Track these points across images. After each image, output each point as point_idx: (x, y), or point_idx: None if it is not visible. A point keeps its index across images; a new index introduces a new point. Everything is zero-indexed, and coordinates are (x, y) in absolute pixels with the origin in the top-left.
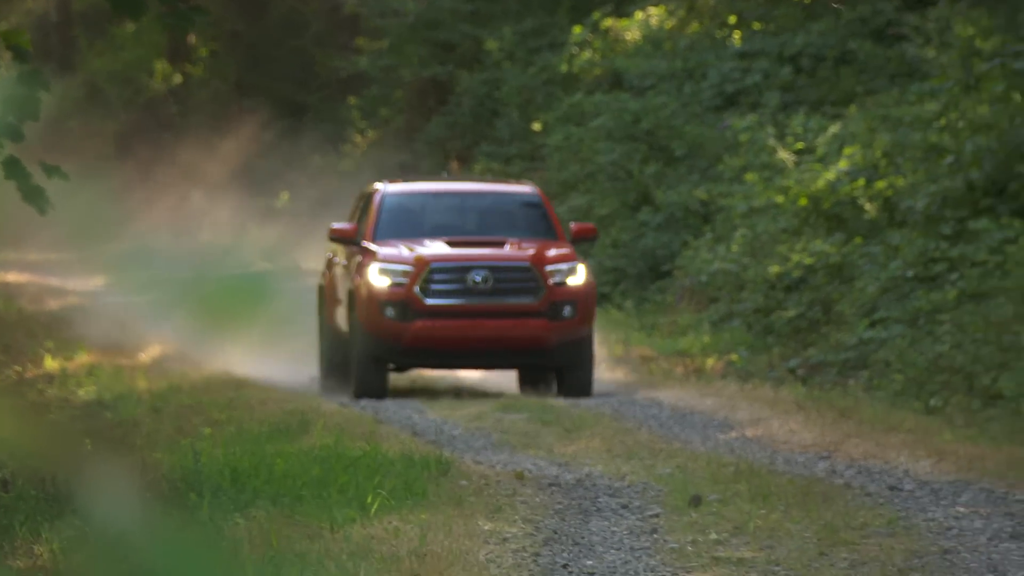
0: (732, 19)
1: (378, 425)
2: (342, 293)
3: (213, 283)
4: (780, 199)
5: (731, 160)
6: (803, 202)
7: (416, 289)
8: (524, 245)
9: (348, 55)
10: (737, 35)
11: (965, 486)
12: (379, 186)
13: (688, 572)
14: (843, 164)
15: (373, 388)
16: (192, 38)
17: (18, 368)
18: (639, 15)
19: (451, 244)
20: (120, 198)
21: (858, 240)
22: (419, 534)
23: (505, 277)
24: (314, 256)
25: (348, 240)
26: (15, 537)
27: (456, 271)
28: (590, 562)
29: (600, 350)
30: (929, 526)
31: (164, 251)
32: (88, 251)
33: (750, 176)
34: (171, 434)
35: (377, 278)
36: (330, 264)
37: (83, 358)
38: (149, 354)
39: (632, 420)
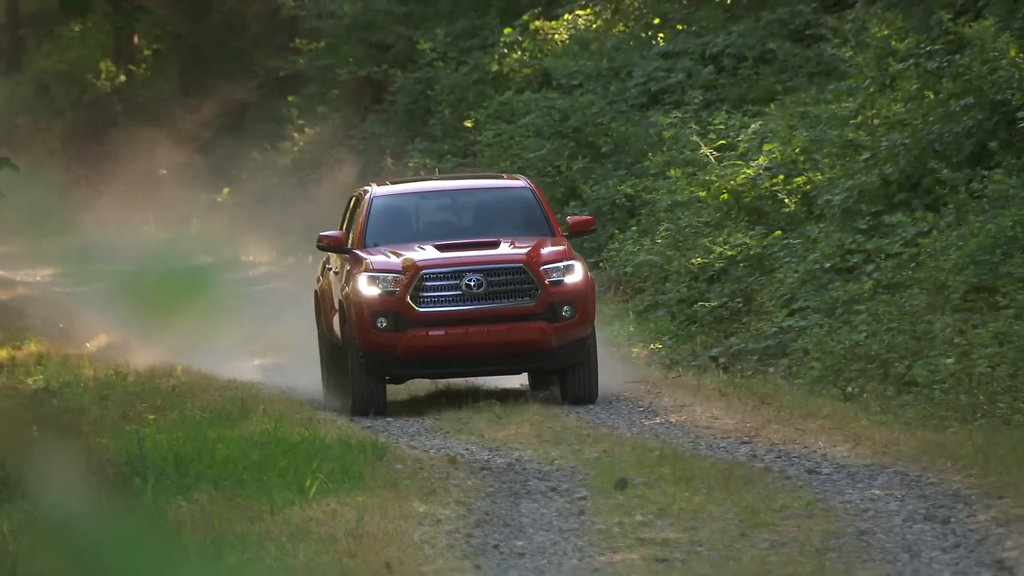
0: (656, 21)
1: (316, 411)
2: (336, 302)
3: (157, 275)
4: (703, 194)
5: (655, 156)
6: (725, 197)
7: (408, 297)
8: (518, 244)
9: (287, 55)
10: (661, 36)
11: (880, 469)
12: (367, 189)
13: (614, 552)
14: (763, 160)
15: (372, 403)
16: (136, 38)
17: None
18: (567, 17)
19: (441, 248)
20: (67, 193)
21: (778, 233)
22: (356, 516)
23: (499, 280)
24: (255, 249)
25: (337, 248)
26: None
27: (448, 276)
28: (520, 543)
29: None
30: (846, 508)
31: (110, 244)
32: (36, 244)
33: (674, 172)
34: (116, 420)
35: (367, 288)
36: (324, 270)
37: (31, 347)
38: (95, 343)
39: (560, 407)
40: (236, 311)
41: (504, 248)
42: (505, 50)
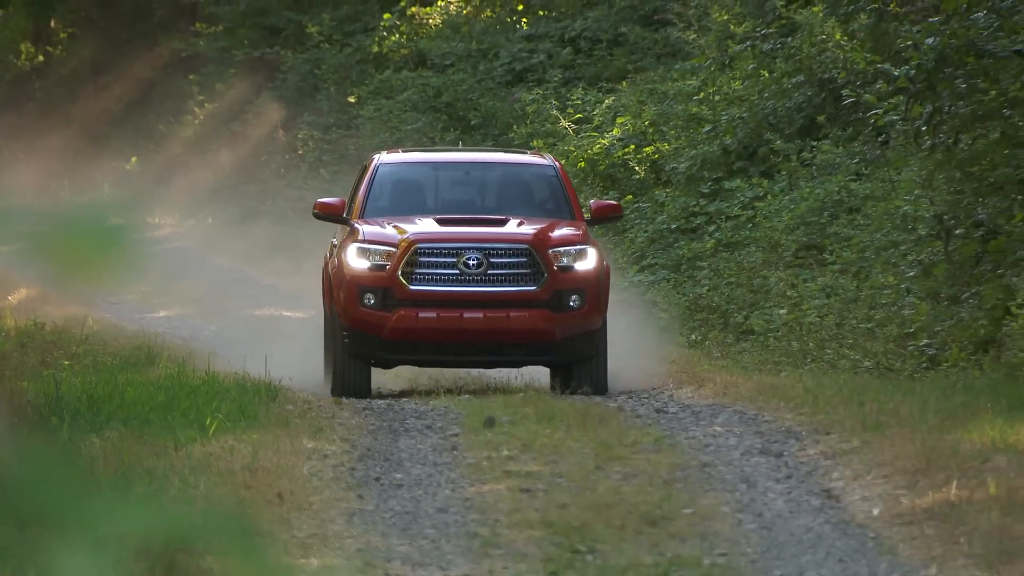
0: (520, 7)
1: (215, 357)
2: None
3: (71, 235)
4: (562, 162)
5: (520, 129)
6: (582, 165)
7: (399, 273)
8: (527, 224)
9: (188, 38)
10: (524, 21)
11: (721, 409)
12: (375, 157)
13: (483, 484)
14: (616, 132)
15: (353, 387)
16: (53, 23)
17: None
18: (440, 3)
19: (441, 222)
20: None
21: (629, 197)
22: (251, 451)
23: (501, 261)
24: (160, 212)
25: (334, 217)
26: None
27: (445, 253)
28: (399, 475)
29: None
30: (690, 443)
31: (29, 207)
32: None
33: (536, 143)
34: (35, 366)
35: (355, 260)
36: (331, 249)
37: None
38: (16, 297)
39: None
40: (142, 268)
41: (511, 226)
42: (384, 33)
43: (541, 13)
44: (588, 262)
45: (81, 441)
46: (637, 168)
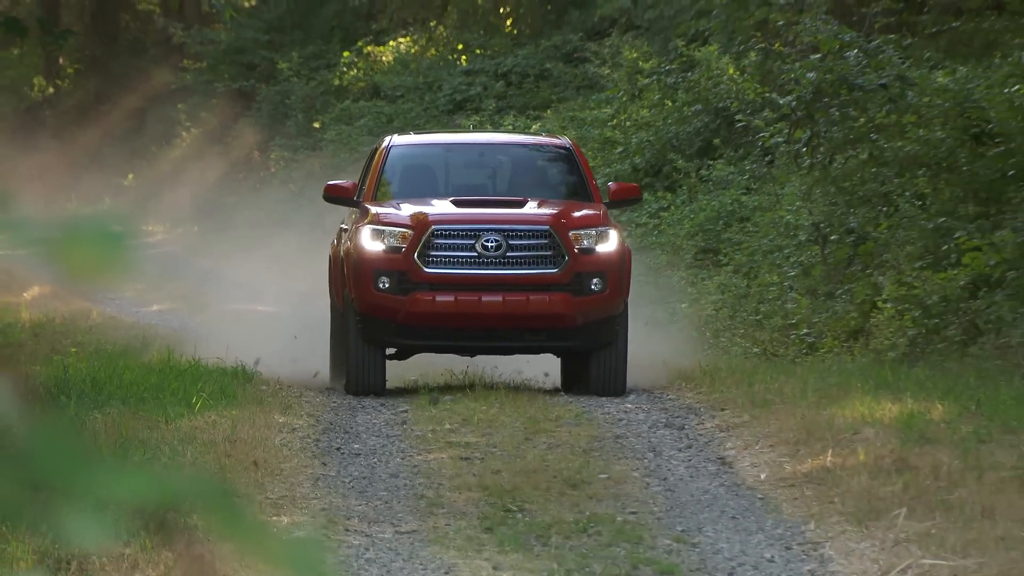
0: (460, 46)
1: (200, 344)
2: (339, 261)
3: (78, 240)
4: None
5: None
6: None
7: (415, 256)
8: (546, 205)
9: (177, 72)
10: (464, 58)
11: (632, 389)
12: (387, 139)
13: (429, 453)
14: None
15: (369, 381)
16: (61, 60)
17: None
18: (391, 43)
19: (458, 203)
20: (7, 177)
21: None
22: (231, 425)
23: (521, 243)
24: (152, 221)
25: (345, 200)
26: None
27: (463, 235)
28: (357, 445)
29: None
30: (605, 418)
31: (40, 216)
32: None
33: None
34: (47, 353)
35: (370, 243)
36: (340, 235)
37: None
38: (30, 294)
39: None
40: (137, 269)
41: (530, 207)
42: (344, 68)
43: (478, 51)
44: (610, 244)
45: (86, 416)
46: None
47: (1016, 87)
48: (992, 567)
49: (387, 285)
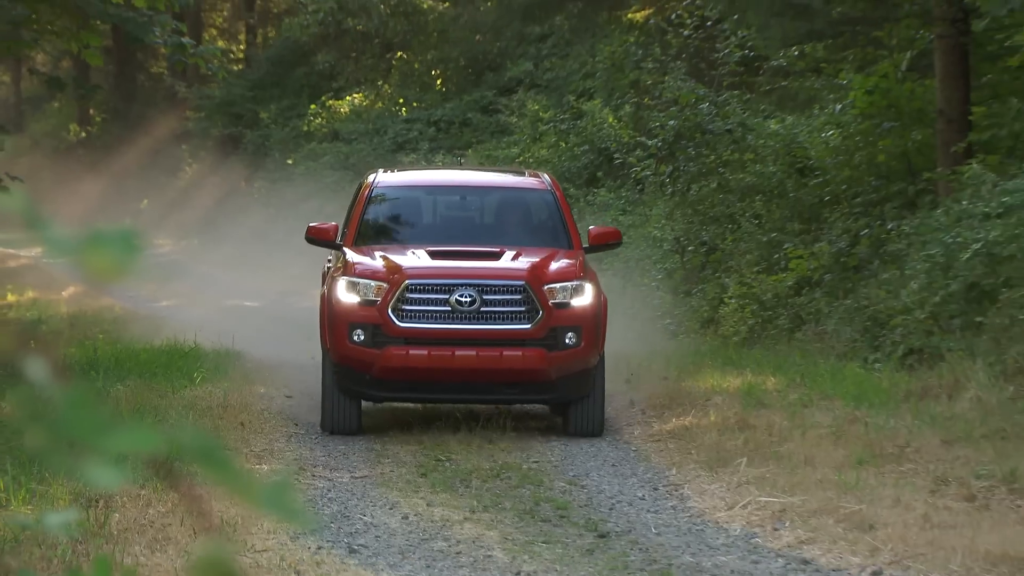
0: (401, 100)
1: (199, 332)
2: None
3: (103, 249)
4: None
5: None
6: None
7: (389, 309)
8: (522, 257)
9: (181, 120)
10: (404, 110)
11: None
12: (371, 177)
13: (379, 416)
14: None
15: (342, 423)
16: (91, 110)
17: None
18: (348, 98)
19: (434, 255)
20: (48, 202)
21: None
22: (223, 395)
23: (495, 298)
24: (162, 237)
25: (326, 243)
26: None
27: (437, 289)
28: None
29: None
30: None
31: (75, 232)
32: (28, 233)
33: None
34: (80, 338)
35: (345, 294)
36: (325, 272)
37: (29, 295)
38: (67, 292)
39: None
40: (151, 273)
41: (505, 261)
42: (311, 117)
43: (415, 104)
44: (585, 298)
45: (110, 388)
46: None
47: (830, 132)
48: (812, 503)
49: (361, 338)
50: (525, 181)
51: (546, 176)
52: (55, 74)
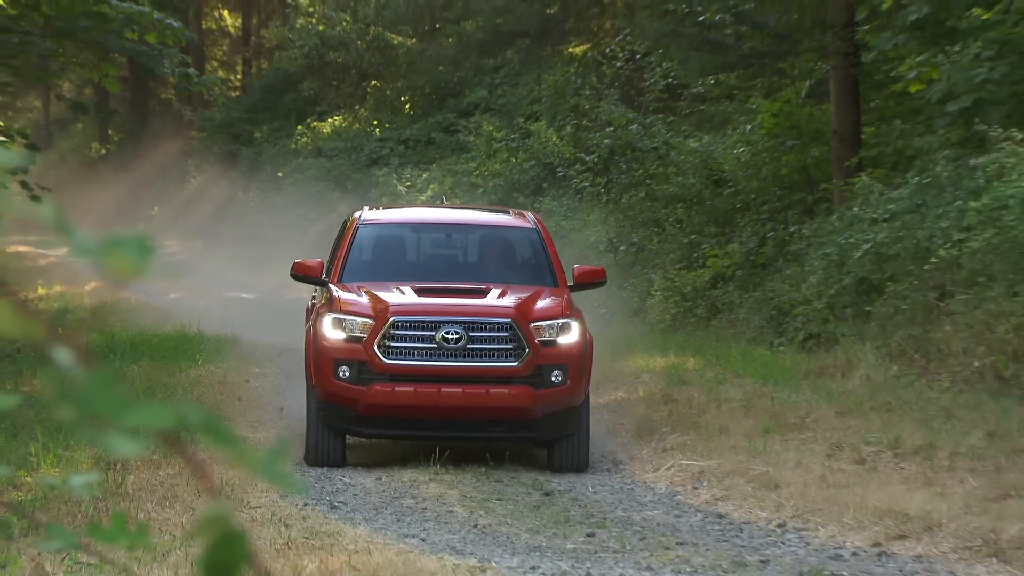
0: (375, 122)
1: (203, 320)
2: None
3: (120, 250)
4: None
5: (376, 190)
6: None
7: (375, 346)
8: (509, 295)
9: (187, 139)
10: (377, 130)
11: None
12: (357, 214)
13: None
14: (429, 192)
15: (326, 457)
16: (110, 131)
17: (23, 293)
18: (330, 120)
19: (420, 292)
20: (73, 210)
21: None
22: (223, 374)
23: (482, 335)
24: (171, 239)
25: (311, 279)
26: (23, 376)
27: (422, 326)
28: (306, 388)
29: None
30: None
31: (95, 235)
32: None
33: (385, 199)
34: (101, 326)
35: (331, 331)
36: (310, 308)
37: (57, 288)
38: (90, 286)
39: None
40: (160, 271)
41: (491, 298)
42: (298, 136)
43: (387, 126)
44: (571, 336)
45: (126, 368)
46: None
47: (741, 149)
48: (726, 465)
49: (347, 375)
50: (510, 219)
51: (531, 215)
52: (79, 100)
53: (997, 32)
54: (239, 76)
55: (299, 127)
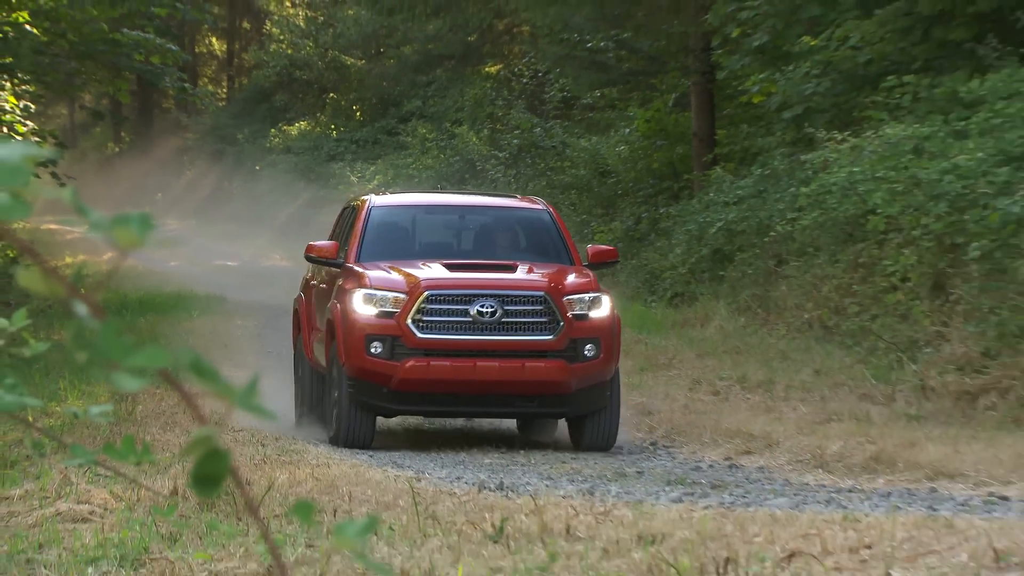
0: (332, 127)
1: (196, 284)
2: (321, 322)
3: (128, 227)
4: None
5: (333, 180)
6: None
7: (408, 321)
8: (537, 270)
9: (184, 140)
10: (334, 132)
11: None
12: (366, 198)
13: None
14: (375, 181)
15: (358, 437)
16: (123, 133)
17: (53, 262)
18: (296, 125)
19: (451, 267)
20: (91, 198)
21: None
22: (213, 325)
23: (516, 309)
24: (172, 218)
25: (327, 261)
26: (53, 327)
27: (457, 300)
28: (281, 335)
29: None
30: None
31: (109, 216)
32: (77, 216)
33: (341, 187)
34: (114, 287)
35: (362, 307)
36: (307, 286)
37: (80, 258)
38: (106, 257)
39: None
40: (162, 244)
41: (523, 273)
42: (272, 138)
43: (341, 129)
44: (602, 310)
45: (135, 321)
46: None
47: (622, 147)
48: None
49: (379, 350)
50: (520, 202)
51: (540, 199)
52: (97, 108)
53: (822, 55)
54: (225, 90)
55: (272, 130)
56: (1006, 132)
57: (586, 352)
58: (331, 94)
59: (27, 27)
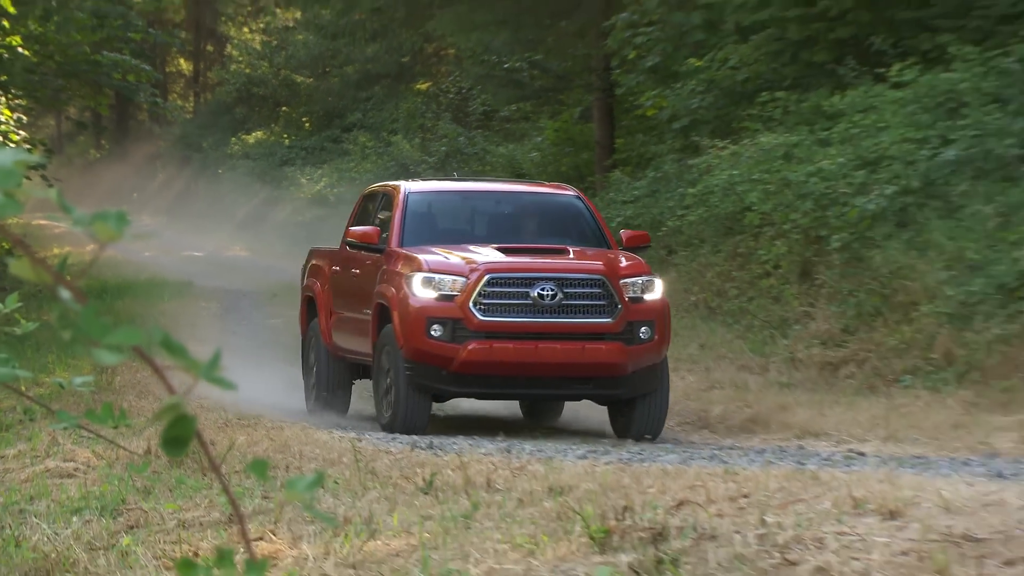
0: (285, 136)
1: (168, 271)
2: (347, 307)
3: (106, 223)
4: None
5: (286, 182)
6: (315, 192)
7: (470, 304)
8: (589, 254)
9: (156, 147)
10: (287, 141)
11: None
12: (397, 184)
13: (291, 310)
14: (323, 183)
15: (414, 422)
16: (103, 140)
17: (41, 253)
18: (254, 134)
19: (506, 252)
20: (74, 197)
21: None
22: (182, 308)
23: (575, 292)
24: (146, 215)
25: (369, 246)
26: (42, 308)
27: (517, 283)
28: (239, 315)
29: None
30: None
31: (90, 213)
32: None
33: (292, 188)
34: (96, 275)
35: (421, 290)
36: (316, 272)
37: (66, 249)
38: (89, 248)
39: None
40: (136, 237)
41: (578, 256)
42: (233, 145)
43: (293, 138)
44: (655, 292)
45: (114, 304)
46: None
47: (535, 154)
48: None
49: (440, 333)
50: (552, 189)
51: (569, 186)
52: (81, 120)
53: (706, 74)
54: (192, 104)
55: (233, 139)
56: (862, 140)
57: (641, 334)
58: (284, 108)
59: (20, 50)
